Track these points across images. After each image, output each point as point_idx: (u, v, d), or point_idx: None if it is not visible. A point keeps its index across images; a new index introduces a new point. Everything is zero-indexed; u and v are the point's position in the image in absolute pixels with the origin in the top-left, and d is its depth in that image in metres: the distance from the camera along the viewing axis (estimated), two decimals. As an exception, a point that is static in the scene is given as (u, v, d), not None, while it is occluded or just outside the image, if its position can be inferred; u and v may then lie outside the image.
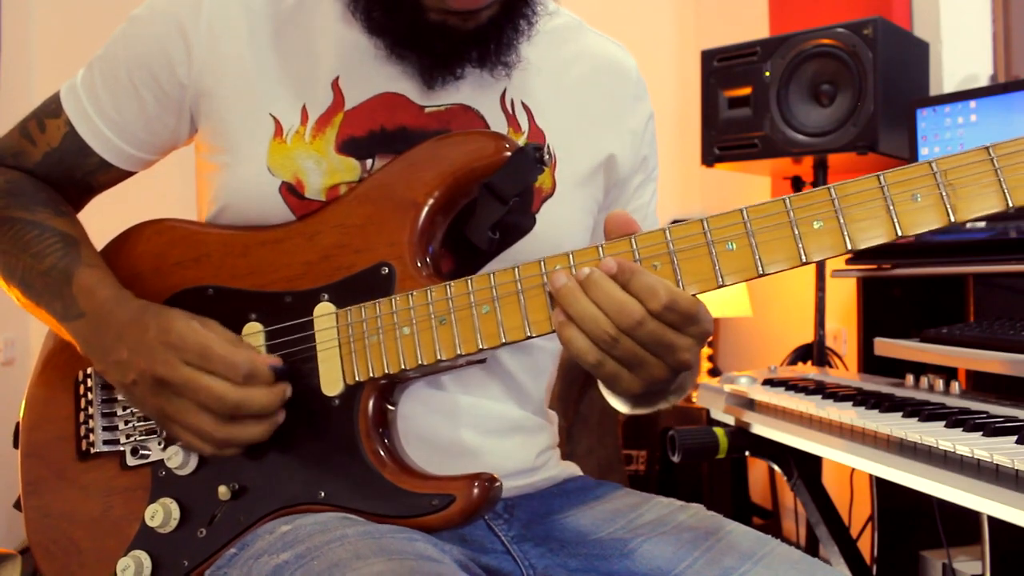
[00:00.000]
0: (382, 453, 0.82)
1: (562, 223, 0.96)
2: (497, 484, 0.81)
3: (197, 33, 0.92)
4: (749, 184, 3.07)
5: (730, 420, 1.59)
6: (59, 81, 1.01)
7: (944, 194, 0.70)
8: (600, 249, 0.76)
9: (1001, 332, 1.35)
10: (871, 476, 1.65)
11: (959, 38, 2.40)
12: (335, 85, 0.92)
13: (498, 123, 0.95)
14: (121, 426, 0.91)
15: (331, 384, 0.84)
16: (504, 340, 0.78)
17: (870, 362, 1.70)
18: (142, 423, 0.91)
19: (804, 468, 1.62)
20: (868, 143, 1.96)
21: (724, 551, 0.87)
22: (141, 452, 0.89)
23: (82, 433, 0.93)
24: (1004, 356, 1.29)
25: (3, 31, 2.93)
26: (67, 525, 0.91)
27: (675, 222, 0.77)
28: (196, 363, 0.81)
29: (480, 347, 0.79)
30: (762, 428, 1.49)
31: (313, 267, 0.86)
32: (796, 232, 0.73)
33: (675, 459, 1.52)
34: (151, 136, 0.97)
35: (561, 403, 2.43)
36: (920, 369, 1.47)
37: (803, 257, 0.73)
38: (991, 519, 1.28)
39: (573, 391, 2.50)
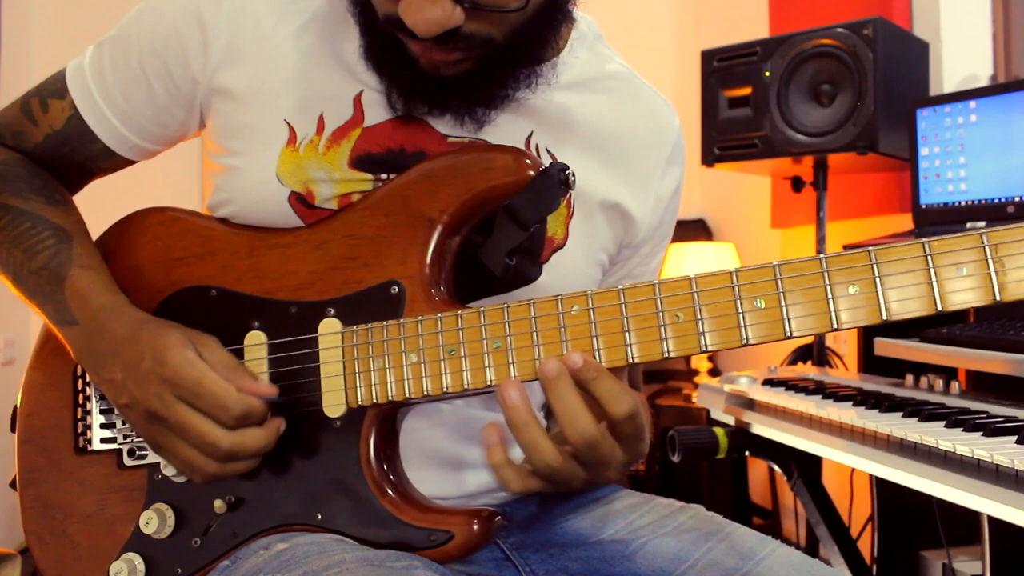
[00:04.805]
0: (383, 481, 0.80)
1: (570, 276, 0.92)
2: (498, 519, 0.79)
3: (216, 26, 0.87)
4: (749, 184, 3.07)
5: (730, 420, 1.59)
6: (58, 67, 0.96)
7: (992, 271, 0.65)
8: (621, 293, 0.73)
9: (1001, 332, 1.34)
10: (871, 476, 1.65)
11: (959, 38, 2.40)
12: (357, 100, 0.87)
13: None
14: (119, 425, 0.90)
15: (333, 406, 0.81)
16: (514, 378, 0.75)
17: (870, 362, 1.70)
18: (140, 423, 0.89)
19: (804, 468, 1.62)
20: (868, 143, 1.96)
21: (725, 552, 0.86)
22: (139, 453, 0.88)
23: (79, 429, 0.91)
24: (1004, 356, 1.29)
25: (3, 20, 2.93)
26: (62, 518, 0.90)
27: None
28: (189, 400, 0.77)
29: (489, 383, 0.76)
30: (762, 428, 1.49)
31: (320, 278, 0.83)
32: (830, 295, 0.68)
33: (675, 459, 1.52)
34: (158, 127, 0.94)
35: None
36: (920, 369, 1.47)
37: (835, 324, 0.68)
38: (991, 519, 1.28)
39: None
